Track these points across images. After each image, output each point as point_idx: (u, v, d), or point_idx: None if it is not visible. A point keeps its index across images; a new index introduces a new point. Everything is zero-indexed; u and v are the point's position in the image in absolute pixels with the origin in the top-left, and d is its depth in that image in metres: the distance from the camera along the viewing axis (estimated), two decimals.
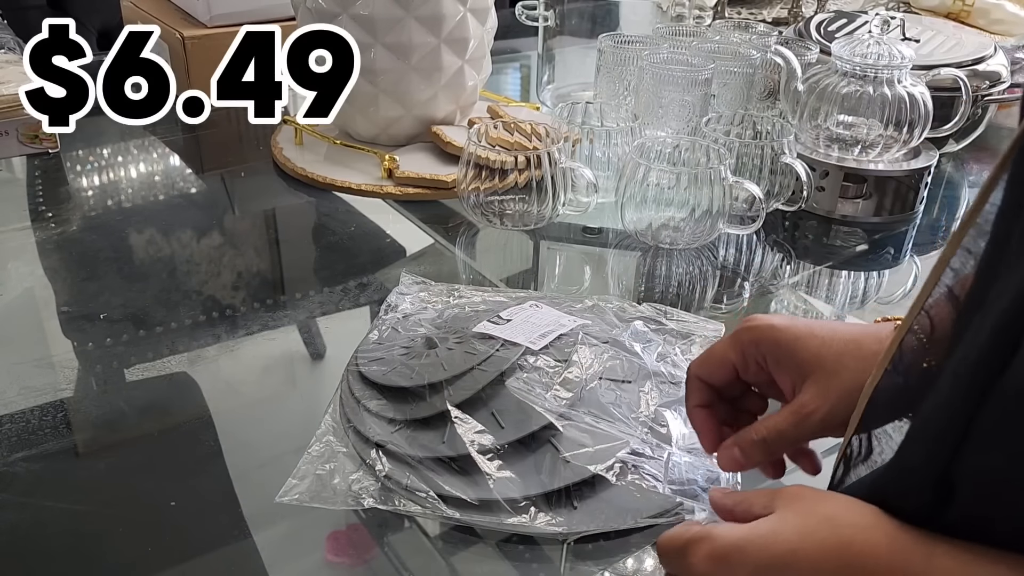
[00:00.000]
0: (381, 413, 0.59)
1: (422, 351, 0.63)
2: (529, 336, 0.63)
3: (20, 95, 0.82)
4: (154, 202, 0.96)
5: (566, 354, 0.61)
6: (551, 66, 1.24)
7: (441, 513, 0.52)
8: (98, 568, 0.51)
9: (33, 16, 1.30)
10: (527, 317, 0.66)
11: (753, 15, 1.41)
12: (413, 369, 0.61)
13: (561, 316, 0.67)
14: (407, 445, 0.56)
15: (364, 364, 0.63)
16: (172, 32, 1.19)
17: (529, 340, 0.62)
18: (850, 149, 0.93)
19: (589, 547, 0.52)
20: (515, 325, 0.65)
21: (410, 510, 0.53)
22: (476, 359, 0.60)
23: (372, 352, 0.65)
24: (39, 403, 0.63)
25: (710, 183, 0.80)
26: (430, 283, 0.76)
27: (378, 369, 0.62)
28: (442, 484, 0.53)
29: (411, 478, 0.54)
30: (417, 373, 0.60)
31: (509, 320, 0.65)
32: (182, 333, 0.72)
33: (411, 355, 0.63)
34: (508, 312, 0.67)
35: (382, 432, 0.57)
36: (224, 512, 0.54)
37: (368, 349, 0.66)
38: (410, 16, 0.94)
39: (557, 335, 0.63)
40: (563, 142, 0.85)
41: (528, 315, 0.67)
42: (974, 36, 1.14)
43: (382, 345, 0.66)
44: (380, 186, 0.95)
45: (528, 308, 0.68)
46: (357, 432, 0.58)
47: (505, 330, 0.64)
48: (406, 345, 0.64)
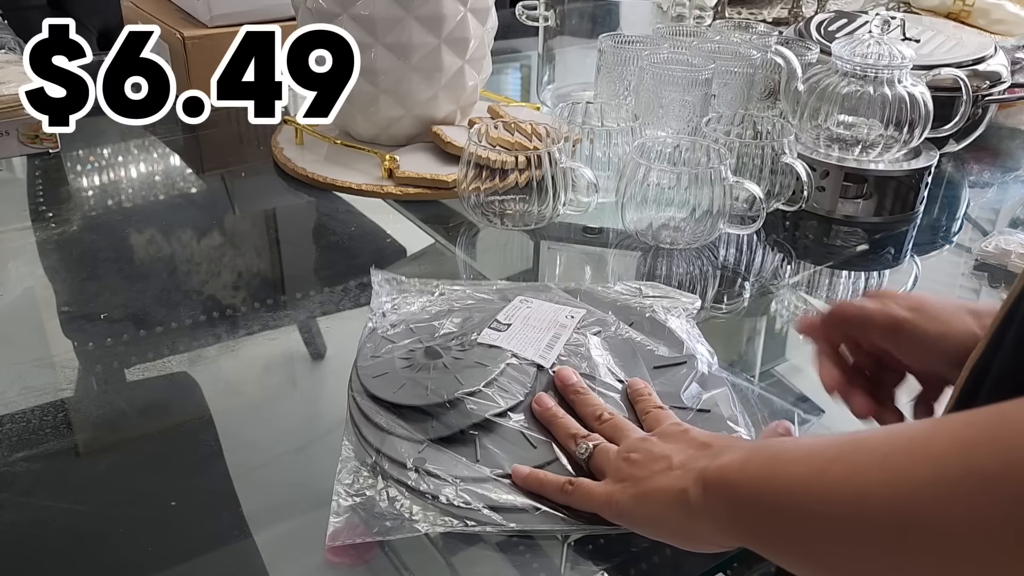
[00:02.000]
0: (407, 436, 0.56)
1: (425, 362, 0.62)
2: (537, 347, 0.63)
3: (20, 95, 0.82)
4: (154, 202, 0.96)
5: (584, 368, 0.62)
6: (551, 66, 1.24)
7: (503, 526, 0.51)
8: (98, 568, 0.51)
9: (33, 16, 1.30)
10: (525, 318, 0.66)
11: (753, 15, 1.41)
12: (425, 386, 0.59)
13: (556, 311, 0.67)
14: (442, 464, 0.54)
15: (368, 381, 0.61)
16: (172, 32, 1.19)
17: (538, 354, 0.62)
18: (850, 149, 0.93)
19: (589, 547, 0.52)
20: (517, 331, 0.64)
21: (471, 528, 0.51)
22: (491, 372, 0.59)
23: (373, 368, 0.63)
24: (39, 403, 0.63)
25: (710, 183, 0.80)
26: (403, 279, 0.75)
27: (388, 387, 0.60)
28: (493, 497, 0.52)
29: (462, 495, 0.52)
30: (432, 390, 0.59)
31: (509, 324, 0.65)
32: (182, 333, 0.72)
33: (415, 367, 0.62)
34: (505, 315, 0.67)
35: (411, 452, 0.55)
36: (224, 512, 0.54)
37: (368, 365, 0.63)
38: (410, 16, 0.94)
39: (563, 342, 0.64)
40: (563, 142, 0.85)
41: (525, 315, 0.67)
42: (974, 36, 1.14)
43: (380, 359, 0.64)
44: (380, 186, 0.95)
45: (521, 306, 0.68)
46: (389, 458, 0.55)
47: (509, 339, 0.63)
48: (405, 356, 0.63)
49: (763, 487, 0.40)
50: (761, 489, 0.40)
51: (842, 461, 0.35)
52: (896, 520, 0.32)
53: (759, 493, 0.40)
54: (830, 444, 0.37)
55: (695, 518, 0.44)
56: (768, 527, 0.40)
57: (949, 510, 0.30)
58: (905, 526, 0.32)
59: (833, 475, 0.35)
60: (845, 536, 0.34)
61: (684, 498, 0.45)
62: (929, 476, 0.31)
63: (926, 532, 0.31)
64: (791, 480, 0.38)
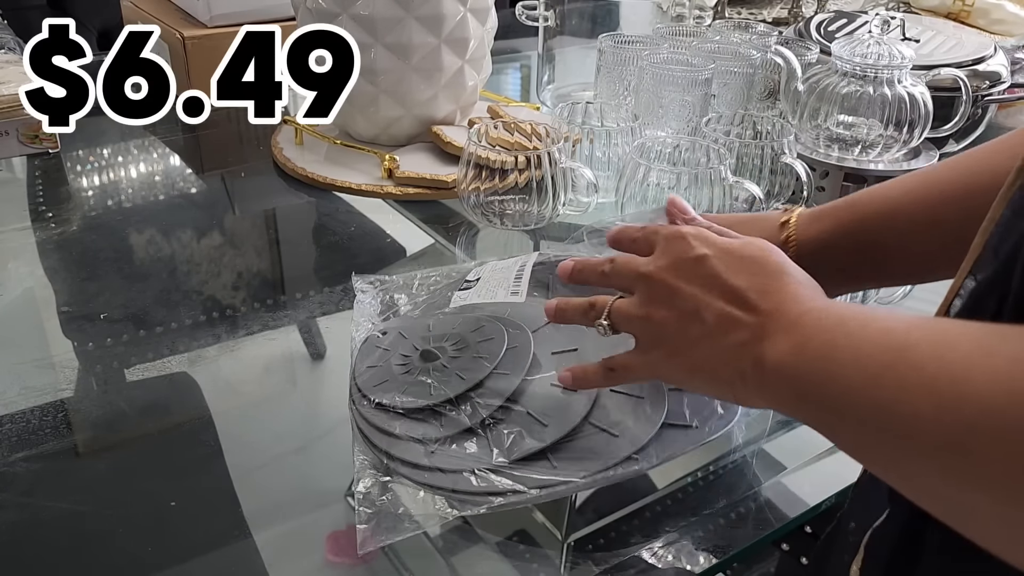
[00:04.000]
0: (419, 437, 0.56)
1: (423, 365, 0.61)
2: (505, 288, 0.63)
3: (20, 95, 0.82)
4: (154, 202, 0.96)
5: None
6: (551, 66, 1.24)
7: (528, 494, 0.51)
8: (98, 568, 0.51)
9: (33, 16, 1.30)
10: (491, 270, 0.66)
11: (753, 15, 1.41)
12: (428, 386, 0.59)
13: (519, 259, 0.67)
14: (457, 458, 0.54)
15: (370, 391, 0.60)
16: (172, 32, 1.19)
17: (508, 292, 0.62)
18: (850, 149, 0.93)
19: (589, 547, 0.52)
20: (484, 283, 0.65)
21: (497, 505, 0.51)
22: (490, 361, 0.60)
23: (372, 378, 0.62)
24: (39, 403, 0.63)
25: (710, 183, 0.80)
26: (384, 278, 0.75)
27: (392, 394, 0.59)
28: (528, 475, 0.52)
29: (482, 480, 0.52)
30: (436, 389, 0.59)
31: (477, 279, 0.66)
32: (182, 333, 0.72)
33: (413, 371, 0.61)
34: (472, 274, 0.67)
35: (425, 452, 0.55)
36: (224, 512, 0.54)
37: (366, 376, 0.62)
38: (410, 16, 0.94)
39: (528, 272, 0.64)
40: (563, 142, 0.85)
41: (490, 268, 0.67)
42: (974, 36, 1.14)
43: (377, 368, 0.63)
44: (380, 186, 0.95)
45: (486, 264, 0.69)
46: (404, 460, 0.55)
47: (478, 292, 0.64)
48: (401, 363, 0.62)
49: (822, 392, 0.40)
50: (820, 393, 0.40)
51: (892, 373, 0.35)
52: (947, 451, 0.32)
53: (819, 395, 0.40)
54: (876, 345, 0.37)
55: (752, 397, 0.45)
56: (828, 427, 0.40)
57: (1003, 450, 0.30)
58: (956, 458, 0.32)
59: (885, 391, 0.35)
60: (900, 450, 0.35)
61: (741, 379, 0.45)
62: (977, 416, 0.31)
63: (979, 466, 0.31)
64: (847, 388, 0.38)
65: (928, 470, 0.34)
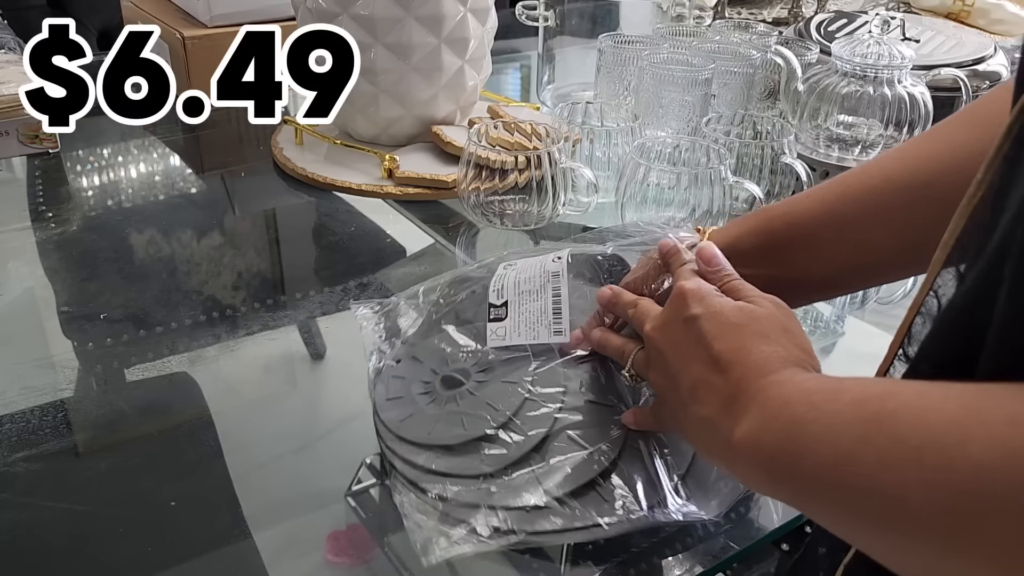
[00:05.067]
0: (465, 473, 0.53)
1: (447, 393, 0.58)
2: (546, 320, 0.59)
3: (20, 95, 0.82)
4: (154, 202, 0.96)
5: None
6: (551, 66, 1.24)
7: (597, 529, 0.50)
8: (98, 568, 0.51)
9: (33, 16, 1.30)
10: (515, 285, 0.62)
11: (753, 15, 1.41)
12: (461, 417, 0.55)
13: (541, 262, 0.62)
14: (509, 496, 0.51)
15: (395, 425, 0.57)
16: (172, 32, 1.19)
17: (550, 329, 0.58)
18: (850, 149, 0.93)
19: (589, 547, 0.52)
20: (515, 311, 0.60)
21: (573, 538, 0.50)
22: (522, 388, 0.56)
23: (397, 412, 0.58)
24: (39, 403, 0.63)
25: (710, 183, 0.80)
26: (384, 300, 0.70)
27: (422, 429, 0.56)
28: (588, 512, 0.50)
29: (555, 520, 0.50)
30: (470, 420, 0.55)
31: (504, 303, 0.61)
32: (182, 333, 0.72)
33: (439, 400, 0.58)
34: (495, 294, 0.62)
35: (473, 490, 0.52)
36: (224, 512, 0.54)
37: (391, 412, 0.58)
38: (410, 16, 0.94)
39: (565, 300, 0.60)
40: (563, 142, 0.85)
41: (514, 281, 0.62)
42: (974, 36, 1.14)
43: (399, 399, 0.59)
44: (380, 186, 0.95)
45: (506, 272, 0.64)
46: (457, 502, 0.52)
47: (515, 326, 0.59)
48: (423, 391, 0.59)
49: (791, 473, 0.37)
50: (790, 473, 0.38)
51: (870, 447, 0.33)
52: (941, 522, 0.30)
53: (788, 475, 0.38)
54: (847, 419, 0.35)
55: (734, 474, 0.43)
56: (808, 510, 0.39)
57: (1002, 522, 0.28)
58: (952, 530, 0.30)
59: (864, 465, 0.33)
60: (887, 529, 0.33)
61: (717, 454, 0.44)
62: (973, 483, 0.29)
63: (977, 535, 0.29)
64: (818, 466, 0.35)
65: (920, 545, 0.32)
